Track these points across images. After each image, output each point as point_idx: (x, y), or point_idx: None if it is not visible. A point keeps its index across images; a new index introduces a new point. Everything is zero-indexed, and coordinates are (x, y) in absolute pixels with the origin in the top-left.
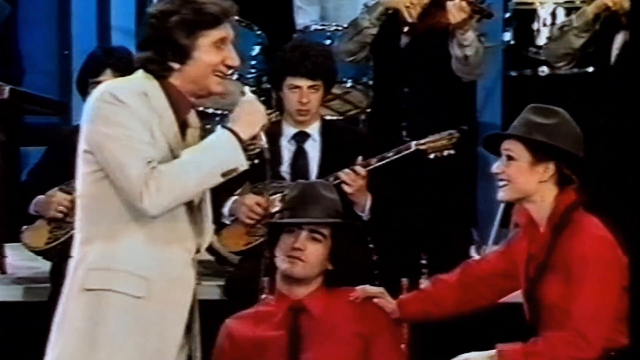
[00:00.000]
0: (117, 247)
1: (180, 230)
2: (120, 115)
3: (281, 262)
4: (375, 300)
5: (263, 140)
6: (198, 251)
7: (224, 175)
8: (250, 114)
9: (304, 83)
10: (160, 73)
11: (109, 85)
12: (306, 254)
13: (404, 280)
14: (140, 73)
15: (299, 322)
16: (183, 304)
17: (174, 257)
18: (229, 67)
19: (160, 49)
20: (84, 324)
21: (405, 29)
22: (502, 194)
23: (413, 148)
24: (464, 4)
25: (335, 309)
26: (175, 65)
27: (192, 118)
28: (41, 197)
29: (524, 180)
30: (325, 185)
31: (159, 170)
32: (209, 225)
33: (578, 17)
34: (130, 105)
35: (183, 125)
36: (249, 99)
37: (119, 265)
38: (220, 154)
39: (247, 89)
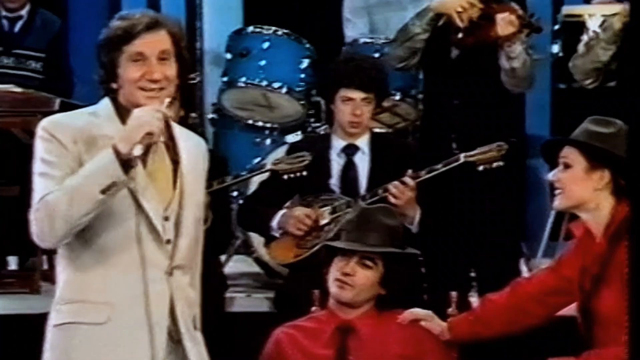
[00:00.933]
0: (77, 279)
1: (143, 250)
2: (42, 150)
3: (331, 285)
4: (423, 323)
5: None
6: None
7: (103, 192)
8: (133, 125)
9: (357, 95)
10: (109, 93)
11: (49, 118)
12: (355, 279)
13: (453, 294)
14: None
15: (347, 343)
16: (151, 322)
17: (137, 277)
18: (152, 81)
19: (98, 70)
20: (59, 358)
21: (460, 35)
22: (557, 202)
23: (462, 160)
24: (513, 17)
25: (384, 331)
26: (113, 85)
27: (178, 140)
28: (284, 211)
29: (579, 188)
30: (386, 211)
31: (44, 200)
32: (183, 242)
33: (605, 30)
34: (54, 139)
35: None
36: (138, 110)
37: (80, 296)
38: (97, 171)
39: (166, 100)
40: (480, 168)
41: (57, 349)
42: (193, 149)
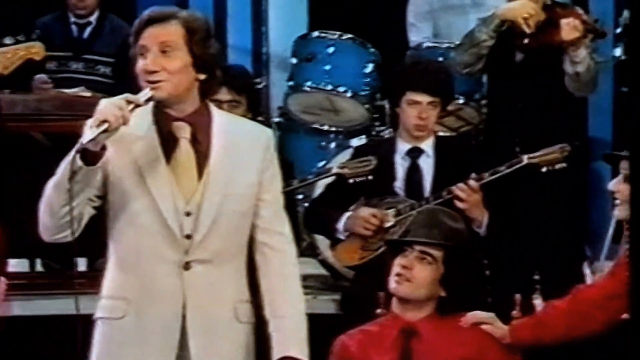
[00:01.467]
0: (106, 275)
1: (155, 246)
2: None
3: (390, 281)
4: (484, 326)
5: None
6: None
7: (70, 179)
8: (94, 114)
9: (424, 99)
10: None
11: None
12: (413, 273)
13: (517, 296)
14: None
15: (411, 346)
16: (166, 317)
17: (148, 273)
18: (148, 73)
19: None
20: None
21: (526, 40)
22: (617, 212)
23: (525, 162)
24: (577, 22)
25: (447, 334)
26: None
27: (181, 129)
28: (349, 213)
29: None
30: (450, 215)
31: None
32: (205, 236)
33: None
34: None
35: (169, 137)
36: (103, 100)
37: (105, 292)
38: (65, 162)
39: (145, 92)
40: (544, 169)
41: (92, 344)
42: (245, 140)
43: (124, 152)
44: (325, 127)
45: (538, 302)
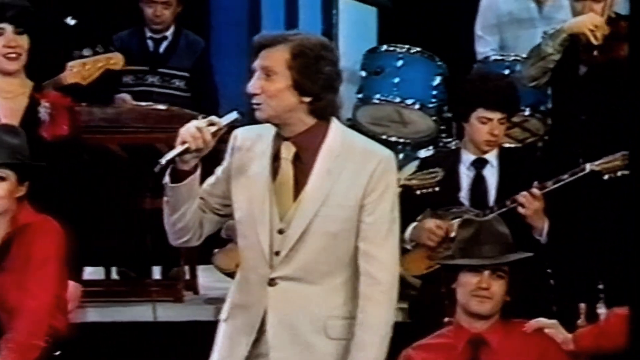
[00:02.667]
0: None
1: (253, 258)
2: None
3: (467, 300)
4: (548, 330)
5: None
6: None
7: (166, 194)
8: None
9: (495, 115)
10: None
11: None
12: (492, 291)
13: (582, 305)
14: None
15: (479, 356)
16: (249, 325)
17: (247, 281)
18: (249, 95)
19: None
20: None
21: (595, 52)
22: None
23: (587, 169)
24: None
25: (512, 342)
26: None
27: (286, 149)
28: (415, 224)
29: None
30: (495, 219)
31: None
32: (293, 254)
33: None
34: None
35: (277, 157)
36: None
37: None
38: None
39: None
40: (606, 177)
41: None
42: (353, 163)
43: (244, 168)
44: (394, 139)
45: (602, 311)
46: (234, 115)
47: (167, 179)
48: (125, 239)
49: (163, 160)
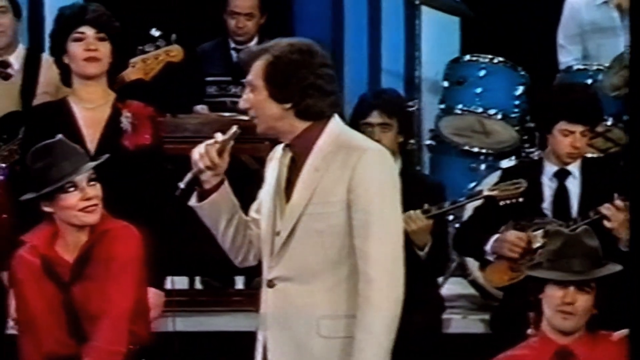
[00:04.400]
0: None
1: (264, 263)
2: None
3: (551, 315)
4: None
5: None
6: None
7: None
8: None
9: (578, 128)
10: None
11: None
12: (576, 307)
13: None
14: None
15: None
16: (260, 330)
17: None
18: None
19: None
20: None
21: None
22: None
23: None
24: None
25: (600, 354)
26: None
27: (285, 154)
28: (497, 236)
29: None
30: (585, 232)
31: None
32: (283, 254)
33: None
34: None
35: (280, 162)
36: None
37: None
38: None
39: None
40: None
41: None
42: (338, 159)
43: (265, 180)
44: (476, 149)
45: None
46: (233, 129)
47: (192, 200)
48: (208, 249)
49: (182, 184)
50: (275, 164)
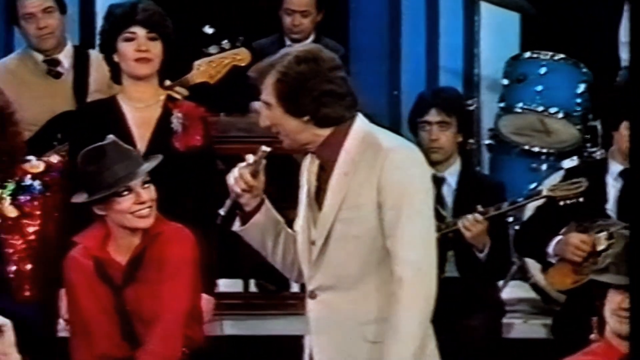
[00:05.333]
0: None
1: (304, 272)
2: None
3: (610, 319)
4: None
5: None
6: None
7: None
8: None
9: None
10: None
11: None
12: None
13: None
14: None
15: None
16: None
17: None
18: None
19: None
20: None
21: None
22: None
23: None
24: None
25: None
26: None
27: (312, 162)
28: (559, 237)
29: None
30: None
31: None
32: (321, 262)
33: None
34: None
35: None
36: None
37: None
38: None
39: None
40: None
41: None
42: (364, 161)
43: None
44: (537, 149)
45: None
46: (262, 149)
47: (236, 226)
48: None
49: (222, 211)
50: (304, 174)
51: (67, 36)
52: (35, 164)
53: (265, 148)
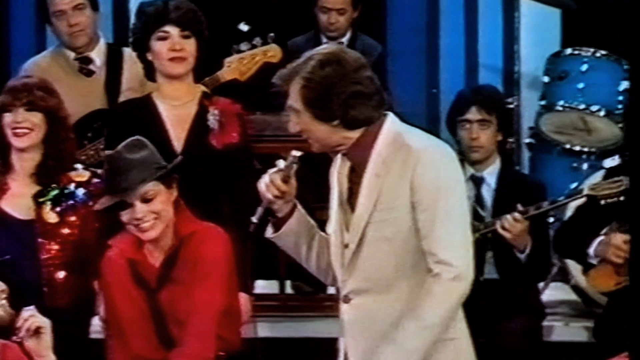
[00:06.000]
0: None
1: (337, 276)
2: None
3: None
4: None
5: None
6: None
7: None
8: None
9: None
10: None
11: None
12: None
13: None
14: None
15: None
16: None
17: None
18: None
19: None
20: None
21: None
22: None
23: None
24: None
25: None
26: None
27: (342, 164)
28: (601, 238)
29: None
30: None
31: None
32: (354, 265)
33: None
34: None
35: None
36: None
37: None
38: None
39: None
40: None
41: None
42: (396, 162)
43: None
44: (578, 148)
45: None
46: (292, 154)
47: (269, 232)
48: None
49: (255, 219)
50: (335, 175)
51: (100, 33)
52: (81, 173)
53: (296, 152)
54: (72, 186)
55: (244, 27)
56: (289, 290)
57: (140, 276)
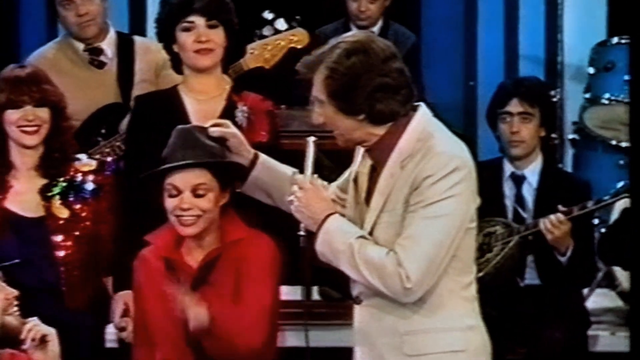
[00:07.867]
0: None
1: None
2: None
3: None
4: None
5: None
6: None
7: None
8: None
9: None
10: None
11: None
12: None
13: None
14: None
15: None
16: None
17: None
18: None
19: None
20: None
21: None
22: None
23: None
24: None
25: None
26: None
27: (363, 162)
28: None
29: None
30: None
31: None
32: None
33: None
34: None
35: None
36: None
37: None
38: None
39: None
40: None
41: None
42: (411, 163)
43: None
44: (625, 144)
45: None
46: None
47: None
48: None
49: (302, 232)
50: (352, 173)
51: (109, 23)
52: (86, 162)
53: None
54: (79, 177)
55: (268, 15)
56: (315, 296)
57: (175, 276)
